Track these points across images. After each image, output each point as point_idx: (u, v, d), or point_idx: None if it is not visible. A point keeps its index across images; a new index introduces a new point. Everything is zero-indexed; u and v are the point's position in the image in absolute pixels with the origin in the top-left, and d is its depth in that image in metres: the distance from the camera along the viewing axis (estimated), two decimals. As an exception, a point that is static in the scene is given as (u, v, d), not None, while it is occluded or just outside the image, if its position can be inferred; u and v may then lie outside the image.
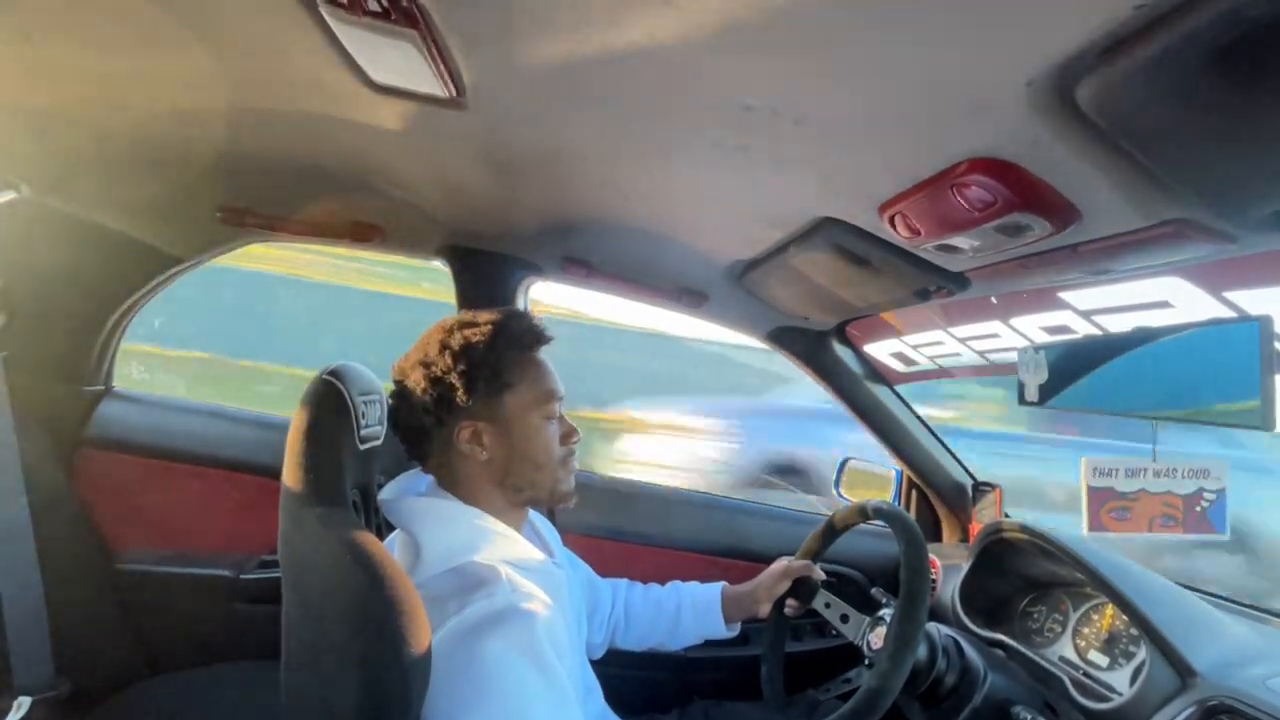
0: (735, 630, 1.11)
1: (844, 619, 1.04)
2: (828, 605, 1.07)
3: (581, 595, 1.00)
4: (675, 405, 4.37)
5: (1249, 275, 0.76)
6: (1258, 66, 0.40)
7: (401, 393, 0.81)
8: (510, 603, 0.67)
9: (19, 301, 1.21)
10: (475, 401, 0.78)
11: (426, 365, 0.78)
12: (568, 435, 0.86)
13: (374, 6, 0.56)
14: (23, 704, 0.96)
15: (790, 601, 1.11)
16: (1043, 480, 3.35)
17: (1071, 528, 1.05)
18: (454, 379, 0.77)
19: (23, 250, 1.21)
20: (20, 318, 1.21)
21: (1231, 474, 0.84)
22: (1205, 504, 0.83)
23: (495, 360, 0.79)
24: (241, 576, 1.33)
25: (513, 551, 0.77)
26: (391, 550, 0.70)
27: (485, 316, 0.82)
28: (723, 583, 1.14)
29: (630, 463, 4.06)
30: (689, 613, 1.10)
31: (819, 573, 1.11)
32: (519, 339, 0.82)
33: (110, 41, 0.71)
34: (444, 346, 0.78)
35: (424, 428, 0.80)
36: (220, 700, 1.17)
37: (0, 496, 1.00)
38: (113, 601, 1.28)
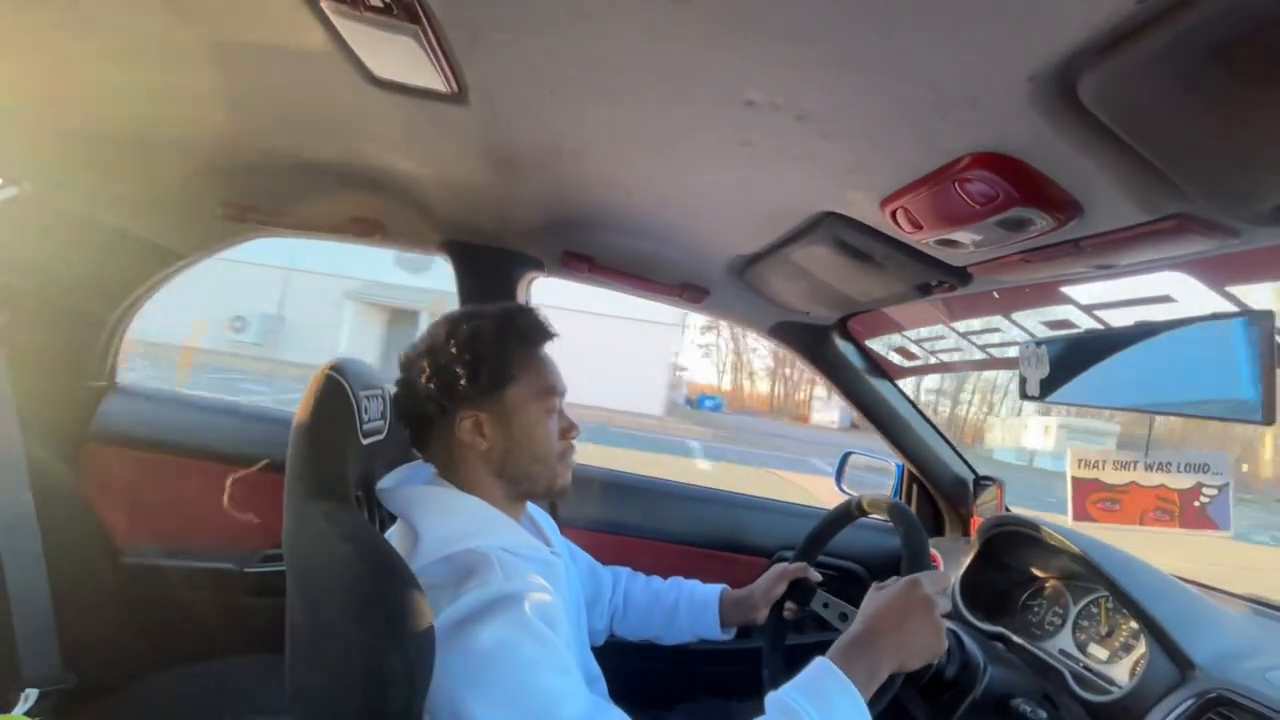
0: (731, 634, 1.11)
1: (843, 618, 1.04)
2: (826, 605, 1.07)
3: (581, 585, 1.00)
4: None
5: (1251, 270, 0.76)
6: (1260, 60, 0.40)
7: (406, 381, 0.82)
8: (503, 590, 0.67)
9: (22, 298, 1.21)
10: (478, 392, 0.79)
11: (432, 354, 0.80)
12: (567, 430, 0.87)
13: (375, 1, 0.56)
14: (30, 696, 0.97)
15: (788, 605, 1.10)
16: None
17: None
18: (458, 368, 0.78)
19: (25, 247, 1.21)
20: (23, 314, 1.21)
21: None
22: (1205, 499, 0.82)
23: (500, 352, 0.80)
24: (246, 570, 1.33)
25: (509, 539, 0.77)
26: (391, 541, 0.71)
27: (492, 309, 0.84)
28: (723, 585, 1.13)
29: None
30: (685, 609, 1.10)
31: (815, 574, 1.10)
32: (524, 333, 0.83)
33: (111, 41, 0.71)
34: (450, 337, 0.80)
35: (427, 416, 0.81)
36: (226, 693, 1.18)
37: (6, 492, 1.01)
38: (118, 595, 1.29)
